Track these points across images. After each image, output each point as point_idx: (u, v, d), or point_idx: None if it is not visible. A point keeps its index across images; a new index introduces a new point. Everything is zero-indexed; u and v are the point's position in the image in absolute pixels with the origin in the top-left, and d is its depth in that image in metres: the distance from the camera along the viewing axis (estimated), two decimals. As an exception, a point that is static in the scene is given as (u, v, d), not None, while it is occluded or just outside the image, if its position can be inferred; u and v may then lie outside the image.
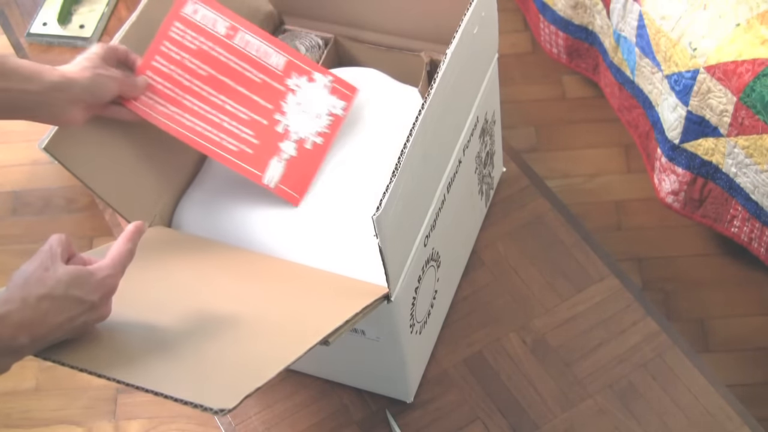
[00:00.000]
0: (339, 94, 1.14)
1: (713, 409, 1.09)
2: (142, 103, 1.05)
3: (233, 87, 1.10)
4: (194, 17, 1.09)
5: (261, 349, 0.85)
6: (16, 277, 0.79)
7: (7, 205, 2.18)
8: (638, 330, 1.16)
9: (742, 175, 1.59)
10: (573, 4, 1.96)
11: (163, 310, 0.91)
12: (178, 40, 1.08)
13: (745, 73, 1.50)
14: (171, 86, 1.07)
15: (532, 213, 1.28)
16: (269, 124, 1.10)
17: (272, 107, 1.11)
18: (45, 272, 0.79)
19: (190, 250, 1.07)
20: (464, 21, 0.98)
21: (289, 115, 1.11)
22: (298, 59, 1.13)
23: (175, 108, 1.07)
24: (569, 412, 1.11)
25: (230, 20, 1.11)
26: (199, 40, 1.09)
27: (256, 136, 1.09)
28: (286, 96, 1.12)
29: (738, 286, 1.84)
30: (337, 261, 1.04)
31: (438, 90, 0.94)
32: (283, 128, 1.11)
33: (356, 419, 1.13)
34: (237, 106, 1.09)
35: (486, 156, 1.21)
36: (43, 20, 1.61)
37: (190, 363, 0.83)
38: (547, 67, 2.23)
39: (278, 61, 1.12)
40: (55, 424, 1.79)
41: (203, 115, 1.08)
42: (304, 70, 1.13)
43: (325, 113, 1.13)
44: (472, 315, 1.20)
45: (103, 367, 0.80)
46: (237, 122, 1.09)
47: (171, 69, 1.07)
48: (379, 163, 1.11)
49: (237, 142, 1.08)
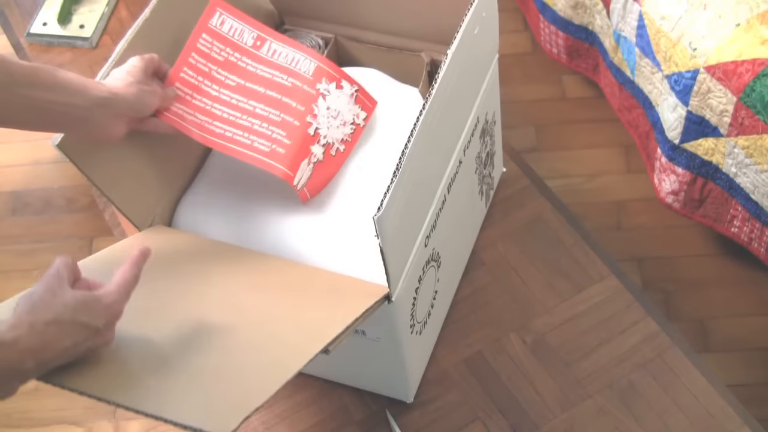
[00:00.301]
0: (362, 104, 1.14)
1: (713, 409, 1.09)
2: (173, 114, 1.05)
3: (263, 93, 1.09)
4: (221, 29, 1.09)
5: (260, 363, 0.85)
6: (23, 301, 0.79)
7: (7, 205, 2.18)
8: (638, 330, 1.16)
9: (742, 175, 1.59)
10: (573, 4, 1.96)
11: (162, 321, 0.90)
12: (205, 52, 1.08)
13: (745, 73, 1.50)
14: (200, 97, 1.07)
15: (532, 213, 1.28)
16: (301, 126, 1.08)
17: (304, 109, 1.09)
18: (53, 297, 0.79)
19: (191, 250, 1.07)
20: (465, 21, 0.98)
21: (320, 119, 1.10)
22: (328, 66, 1.12)
23: (206, 117, 1.06)
24: (569, 412, 1.11)
25: (257, 30, 1.11)
26: (227, 52, 1.09)
27: (288, 136, 1.07)
28: (317, 99, 1.10)
29: (738, 286, 1.84)
30: (337, 260, 1.04)
31: (439, 90, 0.94)
32: (314, 131, 1.09)
33: (356, 419, 1.13)
34: (268, 109, 1.08)
35: (486, 156, 1.21)
36: (43, 20, 1.61)
37: (189, 381, 0.83)
38: (547, 67, 2.23)
39: (308, 66, 1.11)
40: (55, 424, 1.79)
41: (233, 121, 1.07)
42: (333, 76, 1.12)
43: (350, 122, 1.12)
44: (472, 315, 1.20)
45: (103, 390, 0.81)
46: (269, 123, 1.07)
47: (199, 80, 1.07)
48: (379, 163, 1.11)
49: (269, 142, 1.07)
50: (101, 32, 1.60)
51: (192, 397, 0.81)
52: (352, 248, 1.04)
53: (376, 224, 0.85)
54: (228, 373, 0.84)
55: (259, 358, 0.86)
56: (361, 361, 1.08)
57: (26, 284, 0.83)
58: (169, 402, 0.80)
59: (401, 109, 1.17)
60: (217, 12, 1.09)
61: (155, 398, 0.80)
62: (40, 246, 2.09)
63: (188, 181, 1.16)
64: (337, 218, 1.07)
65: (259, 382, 0.80)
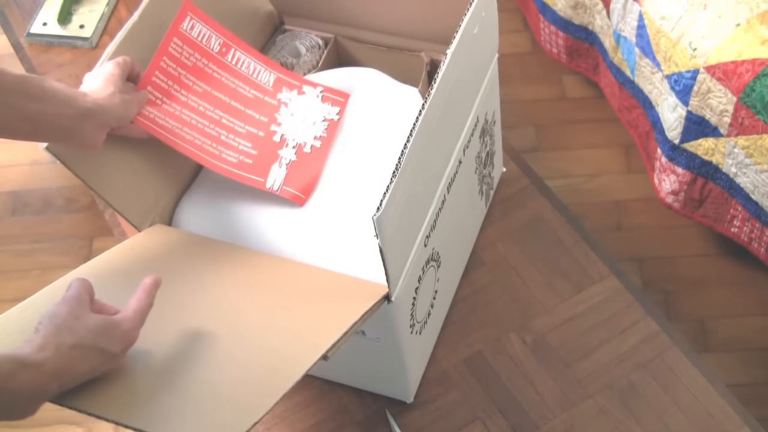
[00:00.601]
0: (331, 101, 1.16)
1: (713, 409, 1.09)
2: (146, 119, 1.05)
3: (228, 102, 1.12)
4: (191, 33, 1.11)
5: (258, 376, 0.86)
6: (48, 321, 0.80)
7: (7, 205, 2.18)
8: (638, 330, 1.16)
9: (742, 175, 1.59)
10: (573, 4, 1.96)
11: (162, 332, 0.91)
12: (176, 57, 1.09)
13: (745, 73, 1.50)
14: (170, 102, 1.08)
15: (532, 213, 1.28)
16: (266, 135, 1.12)
17: (267, 120, 1.13)
18: (76, 321, 0.81)
19: (190, 251, 1.07)
20: (464, 21, 0.98)
21: (284, 125, 1.13)
22: (287, 75, 1.16)
23: (176, 123, 1.08)
24: (569, 412, 1.11)
25: (223, 37, 1.13)
26: (195, 57, 1.11)
27: (254, 147, 1.11)
28: (279, 108, 1.14)
29: (738, 286, 1.84)
30: (337, 260, 1.04)
31: (438, 90, 0.94)
32: (279, 137, 1.12)
33: (356, 419, 1.13)
34: (233, 120, 1.11)
35: (486, 156, 1.21)
36: (43, 20, 1.61)
37: (188, 400, 0.84)
38: (547, 67, 2.23)
39: (268, 78, 1.15)
40: (55, 424, 1.79)
41: (201, 129, 1.09)
42: (293, 84, 1.16)
43: (320, 120, 1.15)
44: (472, 315, 1.20)
45: (104, 409, 0.82)
46: (234, 135, 1.11)
47: (170, 85, 1.08)
48: (379, 163, 1.11)
49: (236, 153, 1.10)
50: (101, 32, 1.60)
51: (193, 414, 0.82)
52: (352, 248, 1.04)
53: (375, 224, 0.85)
54: (226, 389, 0.85)
55: (257, 371, 0.87)
56: (361, 361, 1.08)
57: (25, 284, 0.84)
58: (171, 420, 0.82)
59: (401, 109, 1.17)
60: (188, 16, 1.10)
61: (156, 417, 0.82)
62: (39, 246, 2.09)
63: (188, 182, 1.16)
64: (338, 218, 1.07)
65: (257, 397, 0.82)
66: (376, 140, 1.14)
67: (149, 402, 0.84)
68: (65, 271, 0.98)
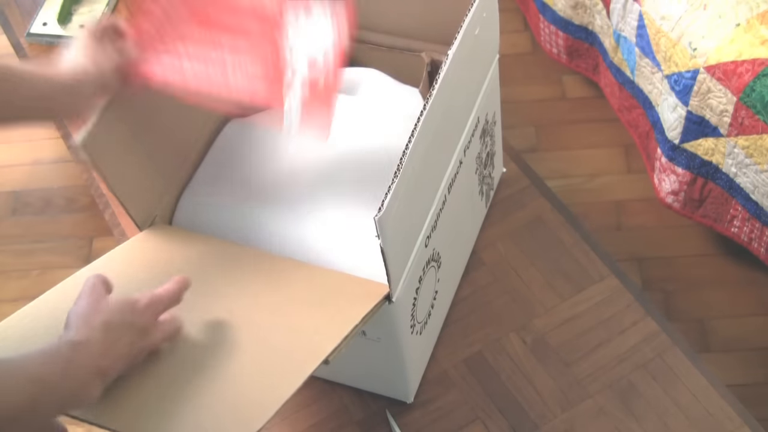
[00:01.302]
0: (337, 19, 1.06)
1: (713, 410, 1.09)
2: (148, 71, 0.99)
3: (229, 24, 1.03)
4: None
5: (260, 384, 0.87)
6: (73, 315, 0.83)
7: (7, 205, 2.18)
8: (638, 330, 1.16)
9: (742, 175, 1.59)
10: (573, 4, 1.96)
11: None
12: None
13: (745, 73, 1.50)
14: (162, 41, 1.01)
15: (532, 213, 1.28)
16: (273, 53, 1.01)
17: (271, 33, 1.02)
18: (98, 304, 0.84)
19: (190, 253, 1.06)
20: (466, 22, 0.98)
21: (292, 41, 1.03)
22: None
23: (174, 58, 1.00)
24: (569, 412, 1.11)
25: None
26: None
27: (263, 76, 1.01)
28: (285, 26, 1.03)
29: (738, 286, 1.84)
30: (338, 259, 1.04)
31: (439, 91, 0.94)
32: (288, 51, 1.02)
33: (356, 419, 1.13)
34: (235, 41, 1.02)
35: (486, 156, 1.21)
36: (43, 20, 1.61)
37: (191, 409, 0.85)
38: (547, 67, 2.23)
39: None
40: (55, 423, 1.79)
41: (206, 58, 1.01)
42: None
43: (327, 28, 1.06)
44: (472, 315, 1.20)
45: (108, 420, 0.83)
46: (239, 55, 1.01)
47: (160, 26, 1.01)
48: (380, 163, 1.11)
49: (246, 78, 1.00)
50: (101, 32, 1.60)
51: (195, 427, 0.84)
52: (352, 248, 1.04)
53: (377, 225, 0.85)
54: (229, 400, 0.86)
55: (259, 379, 0.88)
56: (361, 361, 1.08)
57: (26, 284, 0.84)
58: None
59: (402, 110, 1.17)
60: None
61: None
62: (39, 246, 2.09)
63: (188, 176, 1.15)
64: (338, 218, 1.07)
65: (257, 407, 0.83)
66: (377, 140, 1.14)
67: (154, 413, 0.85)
68: (65, 271, 0.99)
